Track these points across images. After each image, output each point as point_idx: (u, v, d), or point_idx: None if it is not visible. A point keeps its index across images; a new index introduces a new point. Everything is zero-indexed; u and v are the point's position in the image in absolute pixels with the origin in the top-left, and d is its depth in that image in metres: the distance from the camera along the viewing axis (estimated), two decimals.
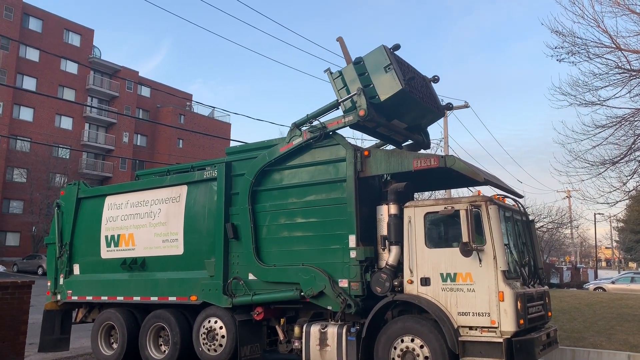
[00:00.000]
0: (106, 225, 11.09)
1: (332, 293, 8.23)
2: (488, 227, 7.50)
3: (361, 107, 8.46)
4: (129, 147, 53.34)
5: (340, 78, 9.00)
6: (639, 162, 13.77)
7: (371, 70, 8.72)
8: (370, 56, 8.82)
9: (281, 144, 9.22)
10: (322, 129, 8.84)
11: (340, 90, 8.96)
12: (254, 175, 9.32)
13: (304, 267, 8.56)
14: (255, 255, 9.10)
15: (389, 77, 8.50)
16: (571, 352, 10.33)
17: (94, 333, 10.83)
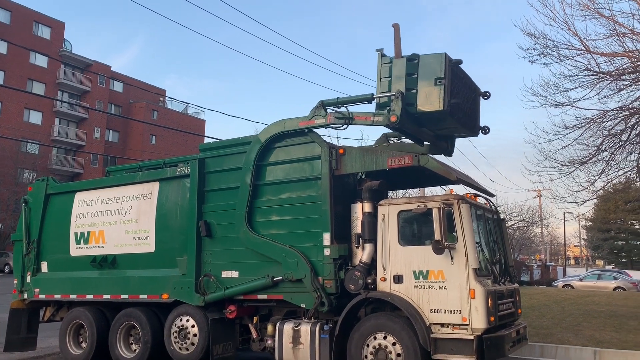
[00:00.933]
0: (76, 222, 10.87)
1: (310, 286, 8.19)
2: (460, 226, 7.59)
3: (394, 113, 7.94)
4: (100, 143, 52.40)
5: (388, 66, 8.40)
6: (606, 162, 14.10)
7: (422, 74, 8.18)
8: (426, 59, 8.23)
9: (301, 118, 8.76)
10: (348, 119, 8.46)
11: (382, 79, 8.41)
12: (253, 164, 8.96)
13: (290, 249, 8.45)
14: (247, 221, 8.89)
15: (435, 92, 8.01)
16: (540, 348, 10.54)
17: (62, 332, 10.62)
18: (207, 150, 9.96)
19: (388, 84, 8.31)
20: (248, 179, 8.95)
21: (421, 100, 8.11)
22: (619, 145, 13.79)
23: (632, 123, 13.43)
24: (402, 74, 8.21)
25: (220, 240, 9.30)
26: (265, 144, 8.96)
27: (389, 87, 8.29)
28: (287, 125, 8.86)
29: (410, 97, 8.15)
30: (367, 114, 8.42)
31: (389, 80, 8.32)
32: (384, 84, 8.37)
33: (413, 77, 8.20)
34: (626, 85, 12.89)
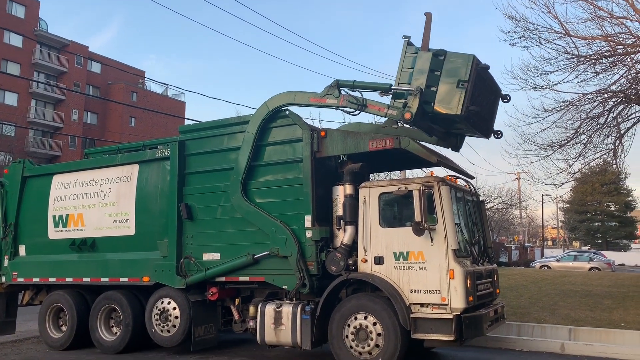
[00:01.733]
0: (54, 205, 10.73)
1: (295, 266, 8.21)
2: (440, 207, 7.67)
3: (410, 110, 7.75)
4: (78, 125, 51.44)
5: (413, 57, 8.16)
6: (584, 145, 14.33)
7: (445, 73, 7.97)
8: (453, 58, 8.01)
9: (313, 94, 8.55)
10: (362, 106, 8.20)
11: (404, 69, 8.17)
12: (257, 130, 8.74)
13: (281, 225, 8.40)
14: (242, 187, 8.76)
15: (456, 95, 7.82)
16: (517, 327, 10.76)
17: (42, 316, 10.54)
18: (187, 132, 9.87)
19: (409, 75, 8.09)
20: (249, 145, 8.75)
21: (439, 100, 7.92)
22: (596, 128, 14.01)
23: (609, 106, 13.64)
24: (425, 69, 8.00)
25: (202, 223, 9.28)
26: (272, 112, 8.74)
27: (409, 79, 8.08)
28: (297, 98, 8.67)
29: (428, 95, 7.93)
30: (381, 104, 8.18)
31: (410, 72, 8.09)
32: (404, 74, 8.14)
33: (436, 74, 7.97)
34: (604, 69, 13.05)
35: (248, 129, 8.83)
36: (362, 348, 7.72)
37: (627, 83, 13.12)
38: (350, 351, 7.80)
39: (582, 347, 9.26)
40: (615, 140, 14.32)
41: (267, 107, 8.77)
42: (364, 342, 7.72)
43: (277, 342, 8.35)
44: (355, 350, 7.77)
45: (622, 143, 14.32)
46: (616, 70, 13.10)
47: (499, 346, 9.72)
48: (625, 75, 13.07)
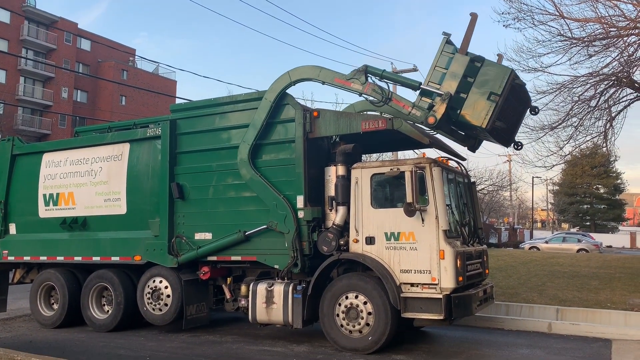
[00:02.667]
0: (44, 184, 10.67)
1: (291, 244, 8.23)
2: (431, 188, 7.71)
3: (434, 115, 7.56)
4: (68, 103, 50.89)
5: (448, 58, 7.86)
6: (575, 128, 14.39)
7: (478, 82, 7.73)
8: (490, 68, 7.77)
9: (339, 74, 8.32)
10: (386, 98, 7.96)
11: (437, 68, 7.88)
12: (275, 98, 8.53)
13: (283, 201, 8.34)
14: (250, 155, 8.63)
15: (485, 107, 7.61)
16: (505, 307, 10.92)
17: (33, 294, 10.55)
18: (178, 111, 9.80)
19: (441, 76, 7.85)
20: (265, 112, 8.59)
21: (467, 108, 7.72)
22: (587, 111, 14.05)
23: (601, 89, 13.67)
24: (459, 73, 7.74)
25: (193, 203, 9.27)
26: (293, 83, 8.57)
27: (441, 80, 7.83)
28: (321, 75, 8.46)
29: (456, 101, 7.72)
30: (407, 101, 7.93)
31: (443, 72, 7.85)
32: (436, 74, 7.89)
33: (469, 80, 7.74)
34: (597, 52, 13.04)
35: (266, 95, 8.64)
36: (352, 327, 7.82)
37: (620, 66, 13.13)
38: (341, 330, 7.89)
39: (568, 326, 9.43)
40: (606, 123, 14.40)
41: (289, 77, 8.58)
42: (354, 321, 7.81)
43: (268, 320, 8.43)
44: (345, 329, 7.87)
45: (613, 126, 14.41)
46: (609, 52, 13.10)
47: (487, 325, 9.87)
48: (618, 58, 13.08)
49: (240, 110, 9.07)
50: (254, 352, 7.99)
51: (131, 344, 8.71)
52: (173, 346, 8.46)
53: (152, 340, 8.93)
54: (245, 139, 8.70)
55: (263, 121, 8.60)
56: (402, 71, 26.53)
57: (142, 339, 9.04)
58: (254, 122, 8.68)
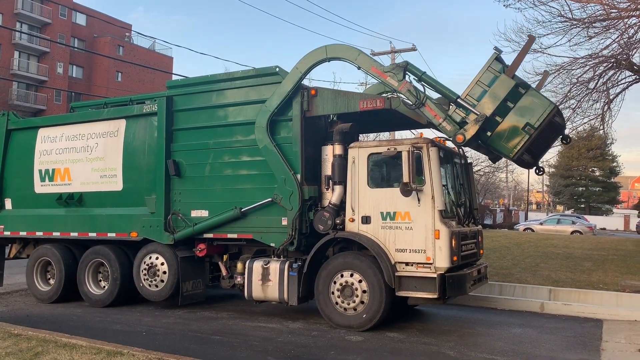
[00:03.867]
0: (40, 159, 10.63)
1: (291, 222, 8.24)
2: (428, 169, 7.71)
3: (464, 134, 7.40)
4: (63, 78, 50.39)
5: (494, 76, 7.53)
6: (573, 109, 14.38)
7: (517, 109, 7.46)
8: (533, 97, 7.52)
9: (377, 64, 8.10)
10: (419, 102, 7.69)
11: (479, 83, 7.58)
12: (306, 69, 8.34)
13: (293, 177, 8.25)
14: (268, 126, 8.46)
15: (517, 137, 7.43)
16: (499, 287, 11.02)
17: (29, 269, 10.59)
18: (175, 87, 9.73)
19: (481, 93, 7.57)
20: (293, 82, 8.38)
21: (498, 134, 7.49)
22: (585, 93, 14.03)
23: (600, 71, 13.63)
24: (500, 96, 7.45)
25: (190, 180, 9.27)
26: (326, 60, 8.37)
27: (479, 97, 7.55)
28: (359, 59, 8.17)
29: (489, 123, 7.48)
30: (439, 112, 7.70)
31: (484, 90, 7.56)
32: (477, 89, 7.62)
33: (508, 104, 7.47)
34: (597, 33, 12.96)
35: (297, 65, 8.47)
36: (347, 304, 7.89)
37: (619, 48, 13.07)
38: (336, 307, 7.97)
39: (560, 306, 9.54)
40: (604, 106, 14.39)
41: (325, 52, 8.37)
42: (349, 299, 7.88)
43: (264, 297, 8.50)
44: (340, 306, 7.94)
45: (611, 108, 14.40)
46: (609, 34, 13.03)
47: (480, 305, 9.98)
48: (618, 40, 13.01)
49: (237, 88, 9.02)
50: (249, 328, 8.07)
51: (127, 319, 8.78)
52: (169, 322, 8.54)
53: (148, 316, 9.00)
54: (268, 105, 8.51)
55: (289, 91, 8.40)
56: (401, 50, 26.36)
57: (138, 315, 9.11)
58: (279, 90, 8.49)
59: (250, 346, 7.00)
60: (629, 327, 8.29)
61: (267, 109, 8.53)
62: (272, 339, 7.41)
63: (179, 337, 7.49)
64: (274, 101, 8.51)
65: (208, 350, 6.74)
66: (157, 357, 6.03)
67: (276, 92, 8.52)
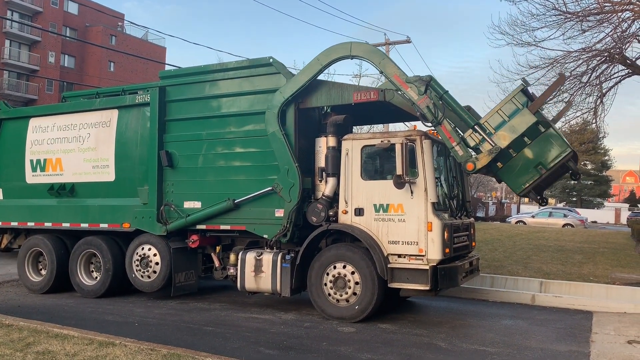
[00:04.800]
0: (31, 149, 10.55)
1: (288, 214, 8.22)
2: (421, 161, 7.72)
3: (474, 162, 7.34)
4: (55, 68, 49.92)
5: (516, 109, 7.34)
6: (565, 103, 14.41)
7: (533, 147, 7.32)
8: (552, 137, 7.33)
9: (400, 72, 7.74)
10: (436, 121, 7.48)
11: (499, 112, 7.41)
12: (327, 62, 8.11)
13: (296, 169, 8.16)
14: (279, 114, 8.30)
15: (527, 175, 7.40)
16: (491, 279, 11.09)
17: (21, 259, 10.53)
18: (168, 78, 9.67)
19: (499, 123, 7.42)
20: (312, 72, 8.22)
21: (509, 167, 7.43)
22: (579, 87, 14.08)
23: (593, 65, 13.67)
24: (519, 130, 7.29)
25: (183, 171, 9.24)
26: (350, 57, 8.15)
27: (497, 127, 7.40)
28: (383, 63, 7.88)
29: (503, 156, 7.38)
30: (454, 134, 7.55)
31: (503, 121, 7.41)
32: (496, 118, 7.46)
33: (524, 140, 7.33)
34: (591, 27, 13.00)
35: (319, 56, 8.28)
36: (340, 295, 7.92)
37: (613, 42, 13.11)
38: (329, 298, 7.99)
39: (551, 298, 9.62)
40: (597, 100, 14.45)
41: (349, 50, 8.13)
42: (342, 290, 7.91)
43: (257, 288, 8.51)
44: (333, 298, 7.97)
45: (603, 102, 14.47)
46: (602, 28, 13.07)
47: (472, 297, 10.05)
48: (611, 33, 13.05)
49: (230, 79, 8.98)
50: (242, 319, 8.08)
51: (120, 309, 8.77)
52: (161, 312, 8.53)
53: (140, 307, 8.99)
54: (282, 92, 8.34)
55: (307, 81, 8.25)
56: (395, 42, 26.30)
57: (130, 305, 9.10)
58: (297, 78, 8.36)
59: (243, 337, 7.01)
60: (619, 319, 8.37)
61: (281, 96, 8.35)
62: (264, 330, 7.43)
63: (171, 328, 7.49)
64: (289, 88, 8.34)
65: (200, 341, 6.75)
66: (149, 348, 6.03)
67: (293, 80, 8.38)
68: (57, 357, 5.68)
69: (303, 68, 8.44)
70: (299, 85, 8.29)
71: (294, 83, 8.35)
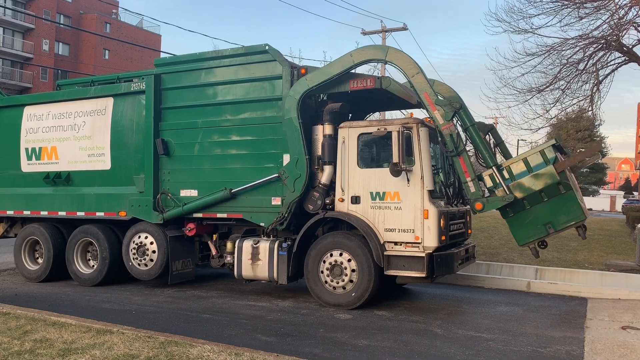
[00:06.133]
0: (26, 138, 10.50)
1: (289, 204, 8.19)
2: (417, 149, 7.72)
3: (485, 204, 7.32)
4: (49, 55, 49.53)
5: (541, 164, 7.20)
6: (562, 91, 14.42)
7: (548, 205, 7.21)
8: (568, 201, 7.20)
9: (430, 90, 7.65)
10: (456, 151, 7.42)
11: (524, 160, 7.33)
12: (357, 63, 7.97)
13: (306, 160, 8.07)
14: (299, 103, 8.17)
15: (534, 230, 7.38)
16: (486, 266, 11.16)
17: (17, 248, 10.54)
18: (163, 65, 9.60)
19: (521, 172, 7.31)
20: (342, 67, 8.08)
21: (517, 219, 7.36)
22: (575, 74, 14.06)
23: (589, 52, 13.64)
24: (538, 186, 7.18)
25: (179, 159, 9.22)
26: (385, 61, 7.98)
27: (518, 176, 7.29)
28: (415, 78, 7.70)
29: (516, 205, 7.34)
30: (470, 170, 7.50)
31: (524, 171, 7.31)
32: (519, 165, 7.36)
33: (542, 196, 7.24)
34: (588, 14, 12.96)
35: (353, 53, 8.08)
36: (336, 283, 7.95)
37: (609, 29, 13.07)
38: (325, 286, 8.03)
39: (546, 285, 9.68)
40: (593, 87, 14.43)
41: (385, 54, 7.94)
42: (338, 278, 7.94)
43: (253, 276, 8.54)
44: (329, 285, 8.00)
45: (600, 90, 14.47)
46: (599, 15, 13.03)
47: (468, 284, 10.11)
48: (608, 20, 13.02)
49: (226, 66, 8.93)
50: (239, 307, 8.12)
51: (117, 298, 8.79)
52: (159, 300, 8.56)
53: (137, 295, 9.02)
54: (309, 79, 8.20)
55: (335, 74, 8.12)
56: (392, 30, 26.18)
57: (127, 294, 9.12)
58: (326, 70, 8.22)
59: (240, 324, 7.05)
60: (613, 305, 8.45)
61: (305, 83, 8.19)
62: (261, 317, 7.46)
63: (168, 316, 7.52)
64: (316, 78, 8.18)
65: (197, 329, 6.78)
66: (146, 335, 6.06)
67: (321, 70, 8.26)
68: (55, 345, 5.70)
69: (333, 61, 8.31)
70: (327, 77, 8.14)
71: (322, 74, 8.20)
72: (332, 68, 8.23)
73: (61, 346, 5.68)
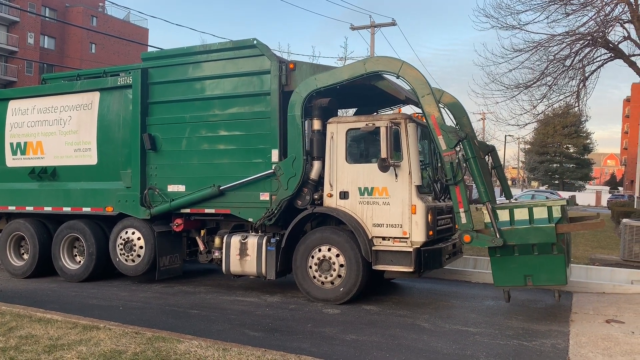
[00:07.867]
0: (10, 132, 10.38)
1: (279, 201, 8.15)
2: (406, 144, 7.74)
3: (474, 238, 7.20)
4: (34, 49, 48.89)
5: (545, 218, 7.03)
6: (549, 87, 14.54)
7: (535, 260, 7.05)
8: (556, 263, 7.05)
9: (438, 115, 7.47)
10: (453, 180, 7.33)
11: (530, 210, 7.19)
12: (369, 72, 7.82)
13: (303, 161, 8.01)
14: (305, 102, 8.09)
15: (513, 279, 7.22)
16: (474, 260, 11.23)
17: (2, 244, 10.42)
18: (150, 59, 9.52)
19: (521, 221, 7.13)
20: (349, 75, 8.01)
21: (502, 263, 7.22)
22: (562, 70, 14.18)
23: (576, 49, 13.76)
24: (532, 241, 7.05)
25: (166, 154, 9.16)
26: (398, 75, 7.78)
27: (517, 223, 7.14)
28: (425, 99, 7.49)
29: (505, 249, 7.16)
30: (465, 201, 7.44)
31: (526, 221, 7.12)
32: (522, 213, 7.18)
33: (533, 251, 7.06)
34: (574, 10, 13.08)
35: (366, 62, 8.02)
36: (325, 278, 7.97)
37: (596, 25, 13.19)
38: (314, 281, 8.04)
39: None
40: (580, 83, 14.58)
41: (398, 69, 7.72)
42: (327, 273, 7.95)
43: (242, 272, 8.53)
44: (318, 280, 8.02)
45: (586, 86, 14.61)
46: (586, 12, 13.15)
47: (455, 278, 10.18)
48: (595, 17, 13.14)
49: (214, 60, 8.88)
50: (227, 302, 8.10)
51: (104, 293, 8.73)
52: (146, 296, 8.52)
53: (124, 291, 8.97)
54: (319, 79, 8.10)
55: (344, 80, 8.01)
56: (380, 25, 26.16)
57: (114, 289, 9.07)
58: (336, 73, 8.11)
59: (228, 319, 7.04)
60: (597, 299, 8.55)
61: (314, 83, 8.09)
62: (249, 312, 7.46)
63: (156, 312, 7.49)
64: (325, 79, 8.08)
65: (185, 324, 6.76)
66: (133, 331, 6.03)
67: (332, 73, 8.14)
68: (41, 341, 5.65)
69: (345, 65, 8.23)
70: (336, 81, 8.05)
71: (332, 77, 8.09)
72: (342, 73, 8.13)
73: (47, 342, 5.63)
